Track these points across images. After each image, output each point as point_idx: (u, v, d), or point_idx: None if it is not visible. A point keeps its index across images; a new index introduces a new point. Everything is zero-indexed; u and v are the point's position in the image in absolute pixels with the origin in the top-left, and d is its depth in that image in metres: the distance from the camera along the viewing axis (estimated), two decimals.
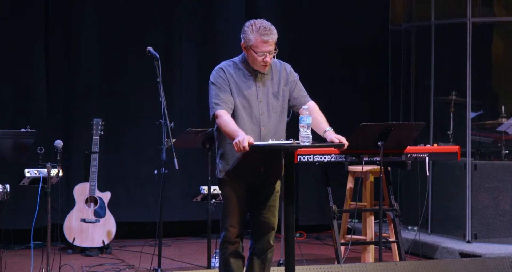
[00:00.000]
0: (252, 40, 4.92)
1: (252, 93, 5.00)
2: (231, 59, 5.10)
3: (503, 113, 8.32)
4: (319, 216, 9.05)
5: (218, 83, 5.00)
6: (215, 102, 4.98)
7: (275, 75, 5.07)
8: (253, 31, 4.91)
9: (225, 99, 4.96)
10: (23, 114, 8.32)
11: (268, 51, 4.92)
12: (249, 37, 4.93)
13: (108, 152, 8.54)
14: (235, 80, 5.00)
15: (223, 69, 5.03)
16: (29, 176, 6.60)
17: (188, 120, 8.57)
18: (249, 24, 4.95)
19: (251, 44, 4.92)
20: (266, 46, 4.91)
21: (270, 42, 4.91)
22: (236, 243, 5.09)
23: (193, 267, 7.38)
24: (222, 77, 5.00)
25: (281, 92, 5.06)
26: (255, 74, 5.03)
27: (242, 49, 5.03)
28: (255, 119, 4.99)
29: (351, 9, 9.47)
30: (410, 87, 9.12)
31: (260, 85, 5.03)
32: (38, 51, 8.43)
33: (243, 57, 5.06)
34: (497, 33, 9.01)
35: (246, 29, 4.95)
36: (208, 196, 6.91)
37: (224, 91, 4.97)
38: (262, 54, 4.92)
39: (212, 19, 8.99)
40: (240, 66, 5.04)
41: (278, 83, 5.06)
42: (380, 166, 6.62)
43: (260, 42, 4.90)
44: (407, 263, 6.76)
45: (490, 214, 8.00)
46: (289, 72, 5.12)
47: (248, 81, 5.02)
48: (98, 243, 7.93)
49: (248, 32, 4.94)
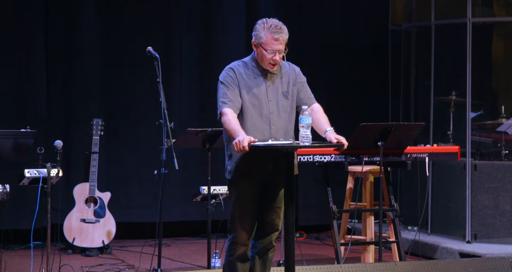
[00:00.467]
0: (263, 38, 4.96)
1: (262, 92, 5.04)
2: (241, 59, 5.15)
3: (503, 113, 8.32)
4: (319, 216, 9.05)
5: (226, 82, 5.02)
6: (222, 100, 4.99)
7: (284, 75, 5.12)
8: (264, 28, 4.96)
9: (232, 98, 4.97)
10: (23, 114, 8.32)
11: (277, 50, 4.96)
12: (260, 34, 4.97)
13: (108, 152, 8.54)
14: (245, 79, 5.02)
15: (233, 69, 5.06)
16: (29, 176, 6.60)
17: (188, 120, 8.58)
18: (261, 22, 5.00)
19: (262, 42, 4.97)
20: (276, 44, 4.95)
21: (280, 41, 4.95)
22: (245, 245, 5.09)
23: (193, 267, 7.38)
24: (231, 76, 5.02)
25: (290, 91, 5.10)
26: (265, 74, 5.06)
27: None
28: (265, 117, 5.02)
29: (351, 9, 9.47)
30: (410, 87, 9.12)
31: (270, 84, 5.06)
32: (38, 51, 8.42)
33: (253, 56, 5.09)
34: (497, 33, 9.01)
35: (258, 26, 5.00)
36: (208, 196, 6.91)
37: (232, 90, 4.99)
38: (271, 52, 4.95)
39: (212, 19, 8.99)
40: (250, 65, 5.07)
41: (288, 83, 5.10)
42: (380, 166, 6.62)
43: (271, 39, 4.94)
44: (407, 263, 6.76)
45: (490, 214, 8.00)
46: (298, 73, 5.17)
47: (258, 80, 5.05)
48: (98, 243, 7.94)
49: (259, 29, 4.98)
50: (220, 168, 7.64)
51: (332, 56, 9.39)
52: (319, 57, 9.34)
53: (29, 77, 8.38)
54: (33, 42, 8.40)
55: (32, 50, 8.41)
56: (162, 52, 6.97)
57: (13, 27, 8.34)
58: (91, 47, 8.62)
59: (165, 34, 8.83)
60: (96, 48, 8.64)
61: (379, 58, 9.48)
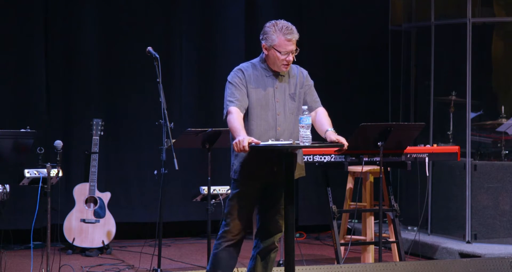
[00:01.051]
0: (275, 40, 4.98)
1: (270, 93, 5.06)
2: (249, 61, 5.17)
3: (503, 114, 8.32)
4: (319, 216, 9.04)
5: (234, 82, 5.04)
6: (229, 99, 5.02)
7: (292, 77, 5.14)
8: (276, 31, 4.98)
9: (240, 97, 5.00)
10: (23, 114, 8.31)
11: (291, 50, 4.99)
12: (272, 37, 4.99)
13: (108, 152, 8.54)
14: (253, 80, 5.05)
15: (242, 70, 5.09)
16: (29, 176, 6.60)
17: (188, 120, 8.58)
18: (271, 25, 5.02)
19: (274, 44, 4.99)
20: (290, 45, 4.98)
21: (293, 41, 4.99)
22: (234, 239, 5.13)
23: (193, 267, 7.37)
24: (239, 77, 5.05)
25: (297, 93, 5.13)
26: (273, 75, 5.08)
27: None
28: (271, 118, 5.04)
29: (351, 9, 9.46)
30: (410, 87, 9.11)
31: (277, 85, 5.08)
32: (38, 51, 8.42)
33: (261, 58, 5.12)
34: (497, 33, 9.01)
35: (268, 29, 5.01)
36: (208, 196, 6.90)
37: (240, 91, 5.01)
38: (285, 53, 4.97)
39: (212, 19, 8.99)
40: (258, 67, 5.10)
41: (295, 85, 5.13)
42: (380, 166, 6.62)
43: (284, 41, 4.97)
44: (407, 263, 6.76)
45: (490, 214, 8.00)
46: (306, 76, 5.20)
47: (266, 81, 5.07)
48: (98, 243, 7.93)
49: (270, 32, 5.00)
50: (220, 168, 7.70)
51: (332, 56, 9.39)
52: (319, 57, 9.33)
53: (29, 77, 8.38)
54: (33, 42, 8.40)
55: (32, 50, 8.40)
56: (162, 52, 6.97)
57: (13, 27, 8.34)
58: (91, 47, 8.62)
59: (165, 34, 8.83)
60: (96, 48, 8.64)
61: (379, 58, 9.48)
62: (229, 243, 5.15)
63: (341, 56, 9.42)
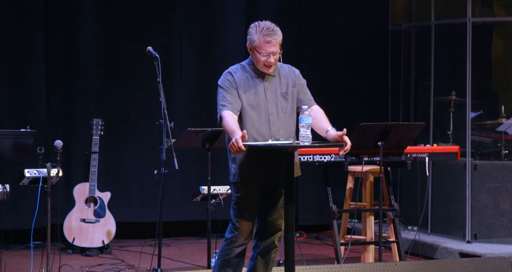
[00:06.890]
0: (256, 41, 4.98)
1: (260, 93, 5.05)
2: (239, 63, 5.17)
3: (503, 113, 8.32)
4: (319, 216, 9.05)
5: (225, 86, 5.04)
6: (221, 103, 5.01)
7: (283, 77, 5.13)
8: (257, 32, 4.98)
9: (232, 100, 4.99)
10: (23, 114, 8.32)
11: (271, 52, 4.97)
12: (253, 38, 5.00)
13: (108, 152, 8.53)
14: (243, 82, 5.04)
15: (231, 73, 5.08)
16: (29, 176, 6.60)
17: (188, 120, 8.58)
18: (254, 26, 5.03)
19: (255, 45, 4.98)
20: (269, 47, 4.96)
21: (273, 43, 4.96)
22: (243, 245, 5.13)
23: (193, 267, 7.38)
24: (229, 80, 5.04)
25: (289, 93, 5.11)
26: (262, 76, 5.08)
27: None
28: (264, 118, 5.03)
29: (351, 9, 9.46)
30: (410, 87, 9.11)
31: (268, 86, 5.08)
32: (38, 51, 8.43)
33: (250, 59, 5.11)
34: (497, 33, 9.01)
35: (251, 30, 5.03)
36: (208, 196, 6.91)
37: (231, 93, 5.01)
38: (265, 54, 4.97)
39: (212, 19, 8.99)
40: (247, 68, 5.10)
41: (287, 85, 5.12)
42: (380, 166, 6.63)
43: (263, 42, 4.95)
44: (407, 263, 6.76)
45: (490, 214, 8.00)
46: (297, 75, 5.19)
47: (256, 82, 5.06)
48: (98, 243, 7.94)
49: (252, 33, 5.01)
50: (220, 168, 7.69)
51: (331, 56, 9.39)
52: (319, 57, 9.34)
53: (29, 77, 8.38)
54: (33, 42, 8.40)
55: (32, 50, 8.41)
56: (162, 52, 6.97)
57: (13, 27, 8.34)
58: (91, 47, 8.62)
59: (165, 34, 8.83)
60: (96, 48, 8.64)
61: (379, 58, 9.48)
62: (241, 249, 5.13)
63: (341, 56, 9.42)
